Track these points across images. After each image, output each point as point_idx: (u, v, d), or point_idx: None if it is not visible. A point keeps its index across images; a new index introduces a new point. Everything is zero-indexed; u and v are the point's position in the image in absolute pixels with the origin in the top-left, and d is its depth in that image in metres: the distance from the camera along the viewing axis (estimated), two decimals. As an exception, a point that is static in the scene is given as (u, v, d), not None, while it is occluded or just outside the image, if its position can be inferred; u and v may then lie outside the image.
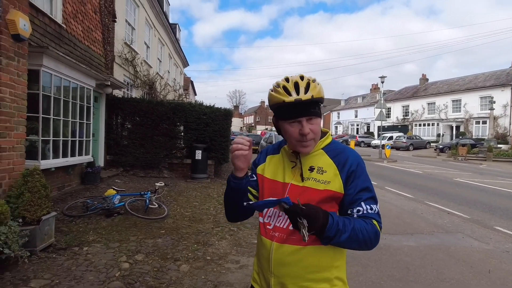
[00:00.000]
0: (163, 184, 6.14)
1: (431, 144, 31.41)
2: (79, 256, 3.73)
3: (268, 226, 1.23)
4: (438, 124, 34.41)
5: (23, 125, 3.87)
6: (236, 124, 49.36)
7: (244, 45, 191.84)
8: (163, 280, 3.27)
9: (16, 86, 3.68)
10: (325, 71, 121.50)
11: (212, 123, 10.00)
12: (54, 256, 3.67)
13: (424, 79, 41.60)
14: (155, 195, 5.85)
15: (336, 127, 54.29)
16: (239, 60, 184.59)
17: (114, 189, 5.73)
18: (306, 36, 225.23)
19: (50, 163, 5.75)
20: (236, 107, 79.90)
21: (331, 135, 1.31)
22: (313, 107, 1.16)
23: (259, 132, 44.85)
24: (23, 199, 3.50)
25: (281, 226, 1.19)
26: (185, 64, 26.83)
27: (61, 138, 6.15)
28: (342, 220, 1.09)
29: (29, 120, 4.18)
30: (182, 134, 10.03)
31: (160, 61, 17.23)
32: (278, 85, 1.17)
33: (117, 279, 3.24)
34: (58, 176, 6.36)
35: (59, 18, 6.59)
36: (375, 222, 1.15)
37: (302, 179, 1.19)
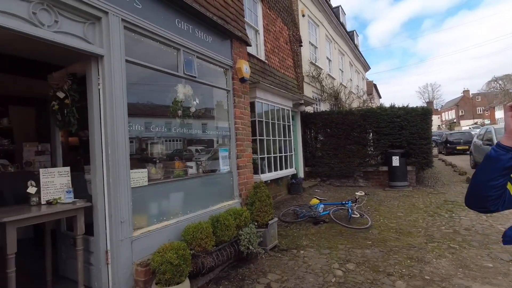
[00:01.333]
0: (363, 193, 6.10)
1: None
2: (298, 258, 4.25)
3: None
4: None
5: (250, 147, 4.93)
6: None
7: (430, 31, 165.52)
8: (380, 294, 3.20)
9: (244, 117, 4.75)
10: None
11: (408, 126, 9.13)
12: (279, 255, 4.35)
13: None
14: (355, 204, 5.90)
15: None
16: (425, 50, 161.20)
17: (317, 198, 6.19)
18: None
19: (267, 176, 6.97)
20: (430, 102, 69.25)
21: None
22: None
23: (463, 129, 36.72)
24: (255, 206, 4.39)
25: None
26: (366, 68, 26.05)
27: (272, 155, 7.34)
28: None
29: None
30: (372, 141, 9.69)
31: (342, 71, 17.56)
32: None
33: (333, 285, 3.44)
34: (272, 187, 7.59)
35: (262, 56, 8.05)
36: None
37: None
